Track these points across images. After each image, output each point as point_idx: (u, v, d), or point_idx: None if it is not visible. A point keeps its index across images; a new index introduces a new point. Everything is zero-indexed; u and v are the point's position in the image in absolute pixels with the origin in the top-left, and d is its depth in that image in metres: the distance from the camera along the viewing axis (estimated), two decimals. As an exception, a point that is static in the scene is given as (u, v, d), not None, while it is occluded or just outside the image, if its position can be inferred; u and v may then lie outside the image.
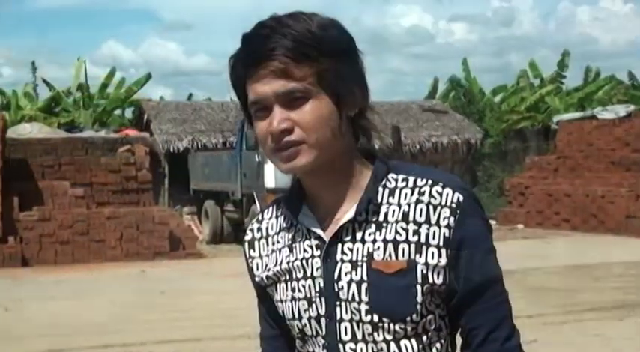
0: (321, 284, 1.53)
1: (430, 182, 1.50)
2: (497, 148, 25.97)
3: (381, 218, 1.51)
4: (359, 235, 1.51)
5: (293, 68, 1.42)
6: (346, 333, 1.52)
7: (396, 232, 1.49)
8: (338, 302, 1.52)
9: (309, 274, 1.55)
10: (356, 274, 1.50)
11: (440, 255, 1.47)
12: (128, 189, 17.00)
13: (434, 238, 1.48)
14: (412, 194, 1.50)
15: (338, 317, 1.52)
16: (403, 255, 1.48)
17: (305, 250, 1.57)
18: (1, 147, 15.09)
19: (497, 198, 23.69)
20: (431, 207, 1.48)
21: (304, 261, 1.56)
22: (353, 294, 1.50)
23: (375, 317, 1.49)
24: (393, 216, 1.50)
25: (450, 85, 30.31)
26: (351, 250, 1.51)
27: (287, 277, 1.59)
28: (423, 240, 1.48)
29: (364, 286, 1.49)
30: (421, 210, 1.49)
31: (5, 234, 14.44)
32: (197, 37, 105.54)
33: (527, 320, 8.70)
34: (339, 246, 1.52)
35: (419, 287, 1.47)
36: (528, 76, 30.03)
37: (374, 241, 1.50)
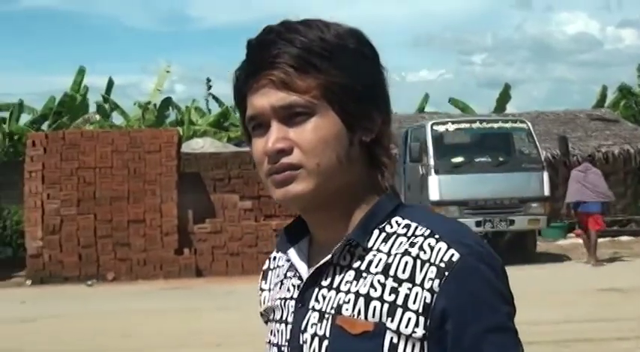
0: (291, 333, 1.30)
1: (427, 232, 1.22)
2: (673, 158, 24.53)
3: (364, 266, 1.24)
4: (336, 281, 1.26)
5: (296, 79, 1.21)
6: None
7: (371, 286, 1.22)
8: None
9: (284, 318, 1.33)
10: (320, 328, 1.25)
11: (417, 324, 1.17)
12: (293, 201, 17.38)
13: (414, 302, 1.18)
14: (405, 244, 1.23)
15: None
16: (373, 315, 1.20)
17: (288, 289, 1.35)
18: (177, 161, 15.82)
19: (675, 212, 22.39)
20: (418, 263, 1.19)
21: (283, 302, 1.35)
22: (314, 351, 1.25)
23: None
24: (376, 266, 1.23)
25: (620, 94, 28.98)
26: (324, 298, 1.26)
27: (272, 316, 1.38)
28: (400, 301, 1.19)
29: (325, 344, 1.23)
30: (406, 264, 1.20)
31: (181, 245, 15.16)
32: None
33: None
34: (316, 290, 1.28)
35: None
36: None
37: (347, 292, 1.24)
